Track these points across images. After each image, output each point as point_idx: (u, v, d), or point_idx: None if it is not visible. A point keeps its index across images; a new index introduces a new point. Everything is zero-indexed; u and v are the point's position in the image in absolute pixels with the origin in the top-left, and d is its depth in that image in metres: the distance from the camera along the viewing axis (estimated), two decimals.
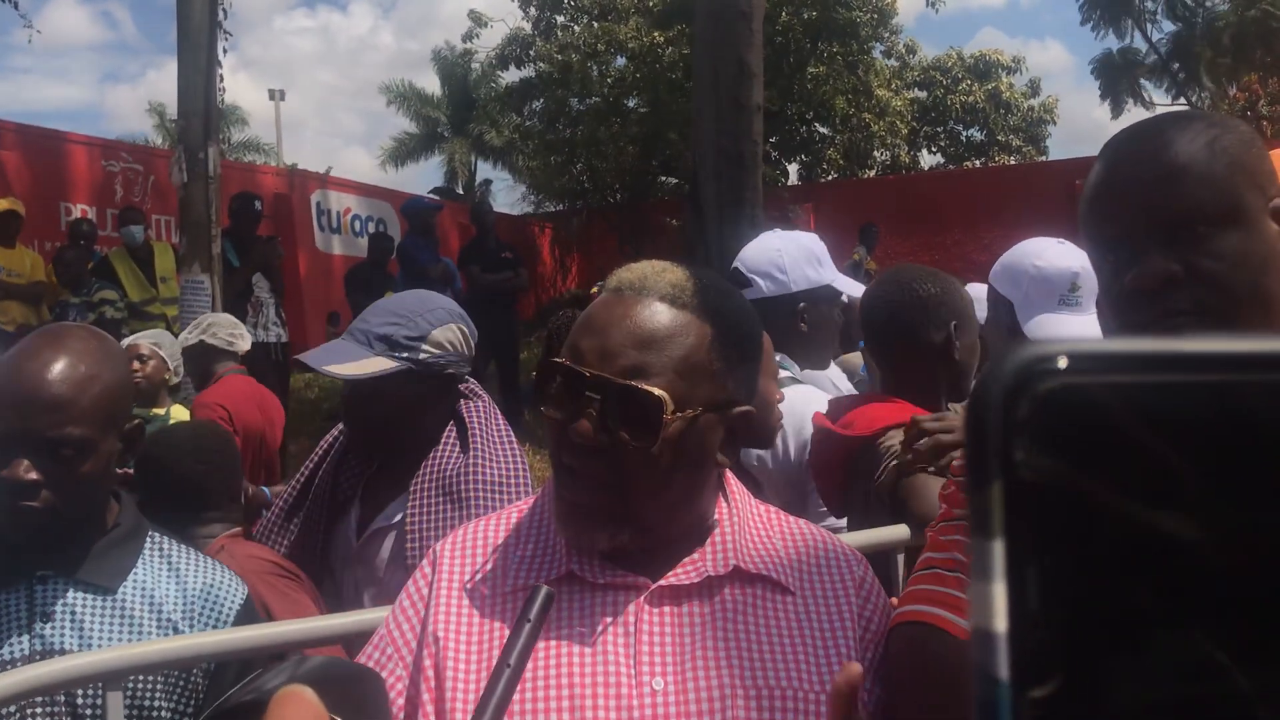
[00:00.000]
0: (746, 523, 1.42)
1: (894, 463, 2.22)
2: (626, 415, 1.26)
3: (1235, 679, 0.32)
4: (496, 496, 2.31)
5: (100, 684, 1.59)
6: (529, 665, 1.22)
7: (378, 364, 2.27)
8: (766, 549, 1.40)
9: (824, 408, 2.59)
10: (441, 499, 2.29)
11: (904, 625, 1.35)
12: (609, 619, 1.29)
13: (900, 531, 2.13)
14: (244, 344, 5.13)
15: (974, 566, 0.33)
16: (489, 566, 1.36)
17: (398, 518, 2.32)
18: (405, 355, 2.30)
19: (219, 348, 4.98)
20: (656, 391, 1.25)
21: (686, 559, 1.34)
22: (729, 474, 1.46)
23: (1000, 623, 0.32)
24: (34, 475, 1.65)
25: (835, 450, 2.44)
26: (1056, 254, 2.81)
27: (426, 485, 2.30)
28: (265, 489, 4.75)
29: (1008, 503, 0.33)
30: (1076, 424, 0.33)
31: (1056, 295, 2.78)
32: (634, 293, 1.33)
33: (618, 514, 1.28)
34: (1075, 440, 0.33)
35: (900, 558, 2.12)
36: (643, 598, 1.30)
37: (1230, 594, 0.32)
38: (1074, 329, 2.77)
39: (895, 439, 2.29)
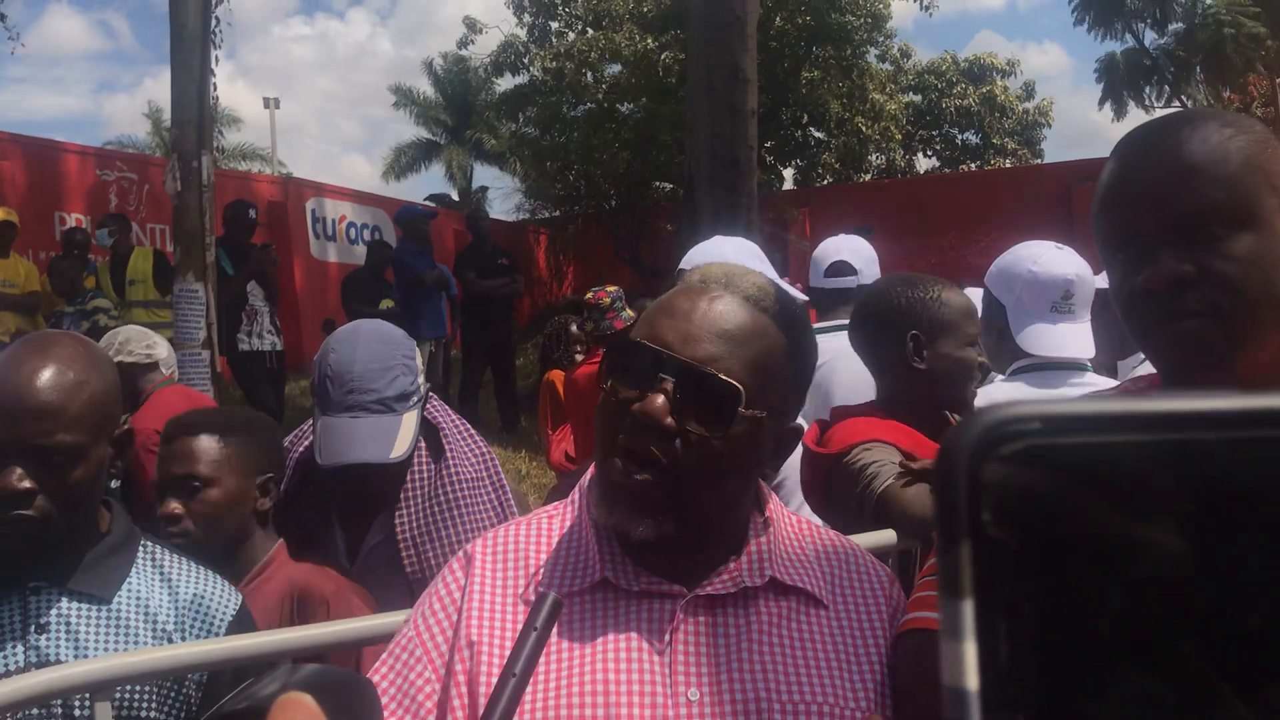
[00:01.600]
0: (781, 534, 1.41)
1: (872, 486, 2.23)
2: (701, 402, 1.25)
3: None
4: (474, 493, 2.34)
5: (88, 694, 1.58)
6: (564, 672, 1.24)
7: (410, 421, 2.26)
8: (801, 561, 1.39)
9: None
10: (427, 505, 2.31)
11: (911, 632, 1.34)
12: (644, 627, 1.28)
13: (889, 536, 2.11)
14: (161, 350, 4.76)
15: (945, 626, 0.34)
16: (524, 572, 1.34)
17: (384, 534, 2.34)
18: (415, 400, 2.31)
19: (138, 364, 4.61)
20: (735, 383, 1.25)
21: (722, 569, 1.33)
22: (763, 484, 1.45)
23: (972, 681, 0.33)
24: (27, 483, 1.64)
25: (814, 468, 2.43)
26: (1053, 260, 2.80)
27: (412, 496, 2.32)
28: None
29: (976, 562, 0.33)
30: (1042, 485, 0.34)
31: (1049, 302, 2.77)
32: (719, 287, 1.33)
33: (666, 502, 1.26)
34: (1041, 500, 0.34)
35: (888, 563, 2.11)
36: (678, 607, 1.29)
37: (1195, 647, 0.33)
38: (1065, 338, 2.76)
39: (863, 456, 2.30)
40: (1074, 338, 2.77)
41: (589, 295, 5.95)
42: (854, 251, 3.36)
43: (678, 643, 1.27)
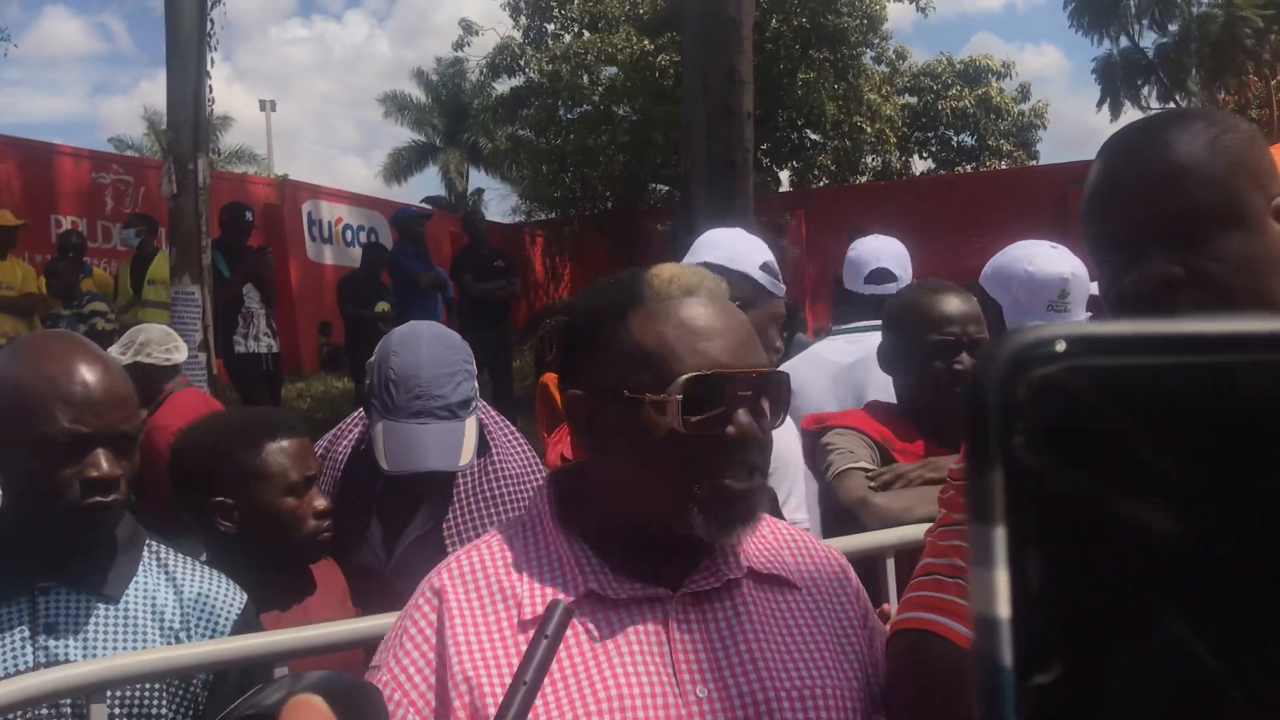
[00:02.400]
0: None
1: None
2: (773, 400, 1.33)
3: (1236, 664, 0.32)
4: (519, 488, 2.36)
5: (85, 696, 1.58)
6: (571, 687, 1.24)
7: (472, 426, 2.28)
8: (766, 548, 1.42)
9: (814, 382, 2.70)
10: (474, 501, 2.33)
11: (903, 632, 1.34)
12: (640, 632, 1.29)
13: (887, 536, 2.12)
14: (181, 355, 4.82)
15: (974, 553, 0.33)
16: (502, 598, 1.32)
17: (428, 527, 2.34)
18: (475, 405, 2.33)
19: (158, 366, 4.66)
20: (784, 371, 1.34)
21: (700, 564, 1.34)
22: None
23: (1003, 609, 0.32)
24: (118, 470, 1.69)
25: (804, 445, 2.51)
26: (1048, 259, 2.80)
27: (460, 493, 2.34)
28: None
29: (1008, 488, 0.32)
30: (1076, 408, 0.33)
31: (1045, 301, 2.77)
32: (710, 295, 1.36)
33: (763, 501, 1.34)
34: (1075, 424, 0.33)
35: (890, 562, 2.12)
36: (669, 607, 1.31)
37: (1232, 579, 0.32)
38: None
39: (833, 440, 2.40)
40: None
41: None
42: (894, 257, 3.37)
43: (676, 643, 1.28)
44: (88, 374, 1.68)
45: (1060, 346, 0.33)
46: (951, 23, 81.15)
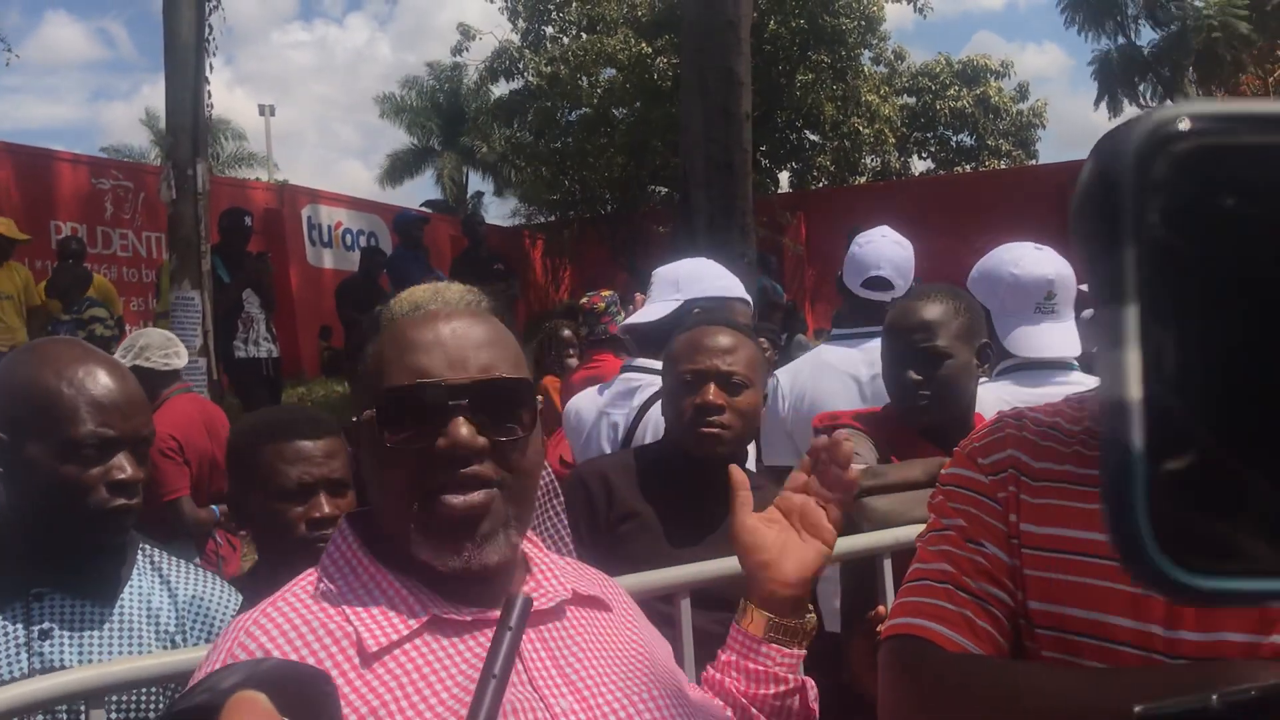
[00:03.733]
0: (539, 548, 1.42)
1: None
2: (498, 409, 1.26)
3: None
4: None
5: (83, 702, 1.58)
6: (443, 712, 1.14)
7: None
8: (569, 572, 1.41)
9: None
10: None
11: (894, 638, 1.34)
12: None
13: (883, 538, 2.13)
14: (180, 361, 4.82)
15: (1106, 334, 0.32)
16: (331, 640, 1.18)
17: None
18: None
19: (157, 370, 4.65)
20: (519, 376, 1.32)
21: (531, 586, 1.32)
22: None
23: (1134, 390, 0.31)
24: (140, 474, 1.72)
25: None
26: (1033, 261, 2.81)
27: None
28: (214, 507, 4.69)
29: (1140, 266, 0.31)
30: (1211, 185, 0.32)
31: (1032, 303, 2.78)
32: (448, 310, 1.29)
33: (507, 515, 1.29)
34: (1213, 203, 0.32)
35: (887, 563, 2.13)
36: None
37: None
38: (1050, 338, 2.78)
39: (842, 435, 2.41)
40: (1059, 337, 2.78)
41: (584, 300, 5.95)
42: (893, 265, 3.35)
43: (529, 661, 1.23)
44: (110, 379, 1.71)
45: (1185, 125, 0.32)
46: (953, 21, 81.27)
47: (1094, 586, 1.24)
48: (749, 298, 2.64)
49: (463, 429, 1.19)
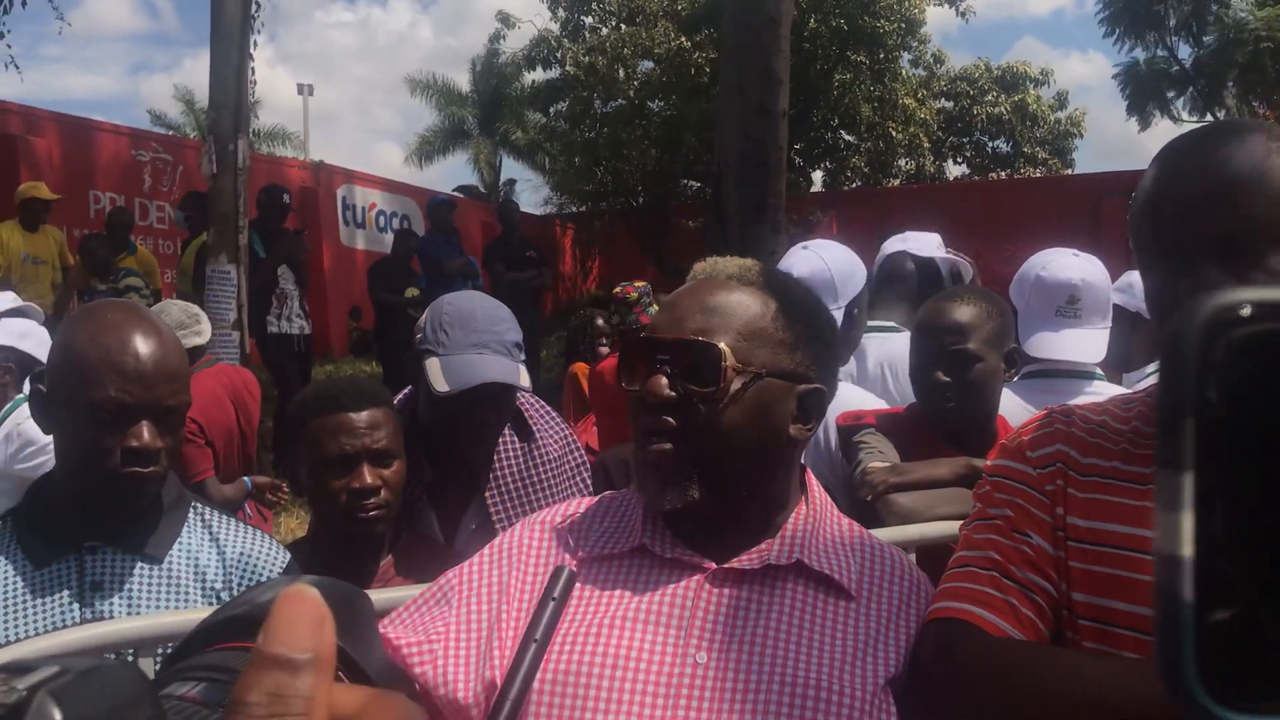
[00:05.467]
0: (821, 525, 1.47)
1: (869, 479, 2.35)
2: (693, 368, 1.36)
3: None
4: (560, 471, 2.43)
5: (133, 650, 1.64)
6: (585, 625, 1.33)
7: (525, 372, 2.33)
8: (835, 552, 1.44)
9: (864, 404, 2.70)
10: (519, 485, 2.38)
11: (937, 621, 1.36)
12: (669, 592, 1.37)
13: (907, 533, 2.16)
14: (202, 339, 4.76)
15: (1162, 497, 0.36)
16: (568, 538, 1.47)
17: (483, 518, 2.40)
18: (523, 357, 2.37)
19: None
20: (718, 344, 1.36)
21: (753, 547, 1.41)
22: (811, 477, 1.53)
23: (1187, 549, 0.35)
24: (159, 441, 1.75)
25: (839, 438, 2.57)
26: (1061, 265, 2.81)
27: (503, 478, 2.38)
28: (245, 479, 4.76)
29: (1198, 438, 0.35)
30: (1266, 366, 0.36)
31: (1054, 306, 2.78)
32: (705, 276, 1.47)
33: (688, 469, 1.37)
34: (1265, 382, 0.36)
35: (912, 557, 2.16)
36: (705, 576, 1.37)
37: None
38: (1068, 342, 2.77)
39: (865, 439, 2.46)
40: (1078, 342, 2.77)
41: (616, 289, 6.01)
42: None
43: (698, 608, 1.35)
44: (141, 346, 1.74)
45: (1246, 311, 0.36)
46: (998, 26, 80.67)
47: (1137, 581, 1.27)
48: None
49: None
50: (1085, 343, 2.78)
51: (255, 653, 0.40)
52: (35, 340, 4.16)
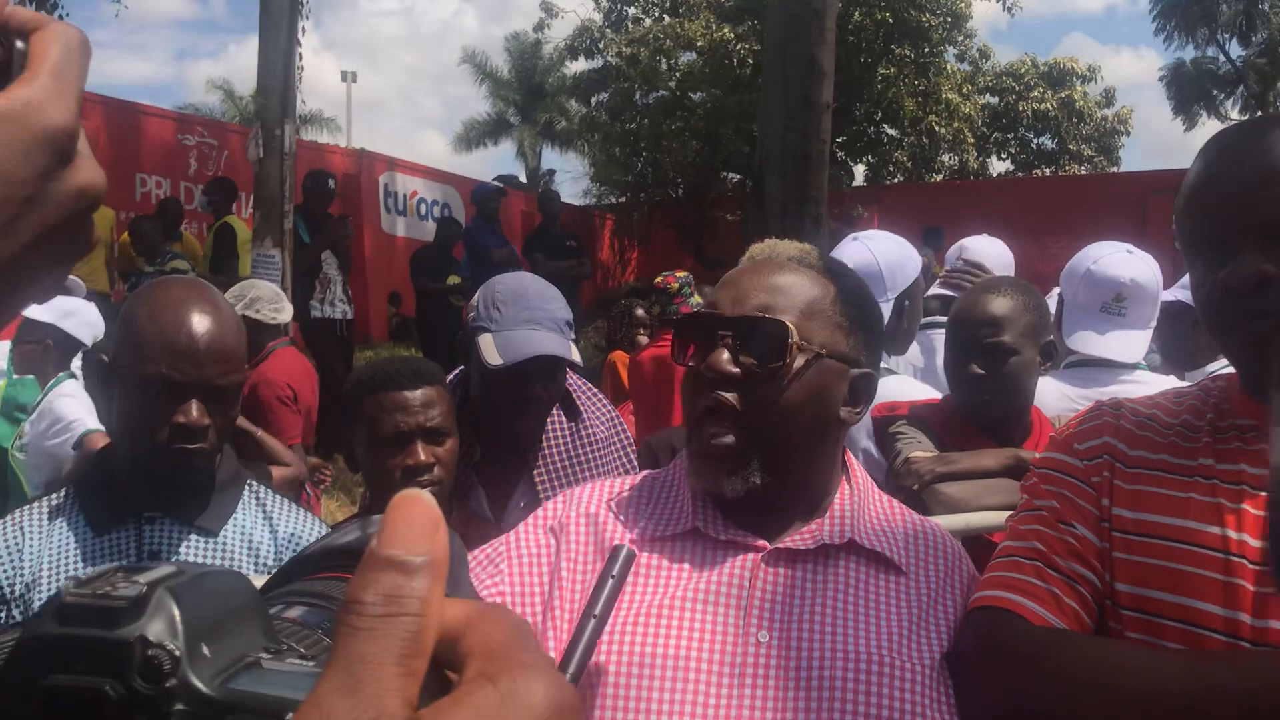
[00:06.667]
0: (866, 503, 1.49)
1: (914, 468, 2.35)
2: (757, 344, 1.38)
3: None
4: (608, 451, 2.47)
5: None
6: (647, 606, 1.34)
7: (574, 348, 2.38)
8: (883, 530, 1.47)
9: (915, 394, 2.70)
10: (567, 465, 2.43)
11: (980, 610, 1.37)
12: (726, 573, 1.38)
13: (953, 522, 2.16)
14: (285, 316, 5.01)
15: (1277, 414, 0.38)
16: (617, 519, 1.48)
17: (531, 495, 2.43)
18: (574, 335, 2.42)
19: (264, 323, 4.81)
20: (782, 320, 1.38)
21: (805, 526, 1.43)
22: (851, 458, 1.55)
23: None
24: (207, 420, 1.78)
25: (874, 429, 2.57)
26: (1112, 261, 2.80)
27: (551, 457, 2.42)
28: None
29: None
30: None
31: (1099, 302, 2.76)
32: (765, 257, 1.48)
33: (748, 456, 1.38)
34: None
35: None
36: (760, 556, 1.39)
37: None
38: (1111, 341, 2.76)
39: (902, 429, 2.47)
40: (1118, 341, 2.75)
41: (658, 279, 6.02)
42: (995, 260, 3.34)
43: (755, 589, 1.36)
44: (197, 325, 1.76)
45: None
46: (1048, 21, 79.84)
47: (1183, 572, 1.27)
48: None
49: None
50: (1125, 343, 2.76)
51: (369, 554, 0.41)
52: (78, 320, 4.23)
